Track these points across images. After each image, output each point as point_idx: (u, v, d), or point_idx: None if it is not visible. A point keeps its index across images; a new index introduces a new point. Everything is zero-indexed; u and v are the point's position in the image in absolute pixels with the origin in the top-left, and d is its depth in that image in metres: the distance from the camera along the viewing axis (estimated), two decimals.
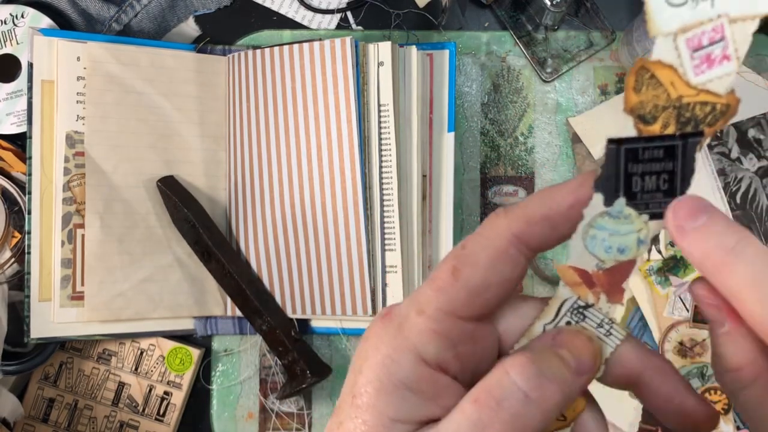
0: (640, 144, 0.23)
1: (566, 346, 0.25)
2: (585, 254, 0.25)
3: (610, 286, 0.25)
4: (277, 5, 0.70)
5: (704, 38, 0.22)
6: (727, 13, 0.22)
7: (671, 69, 0.23)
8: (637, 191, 0.24)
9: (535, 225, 0.25)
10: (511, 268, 0.25)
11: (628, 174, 0.24)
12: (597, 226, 0.24)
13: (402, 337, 0.24)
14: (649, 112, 0.23)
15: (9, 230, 0.66)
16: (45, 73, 0.63)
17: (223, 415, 0.68)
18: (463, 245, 0.25)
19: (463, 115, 0.69)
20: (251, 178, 0.66)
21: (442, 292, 0.25)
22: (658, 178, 0.24)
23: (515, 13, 0.69)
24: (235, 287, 0.64)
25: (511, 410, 0.23)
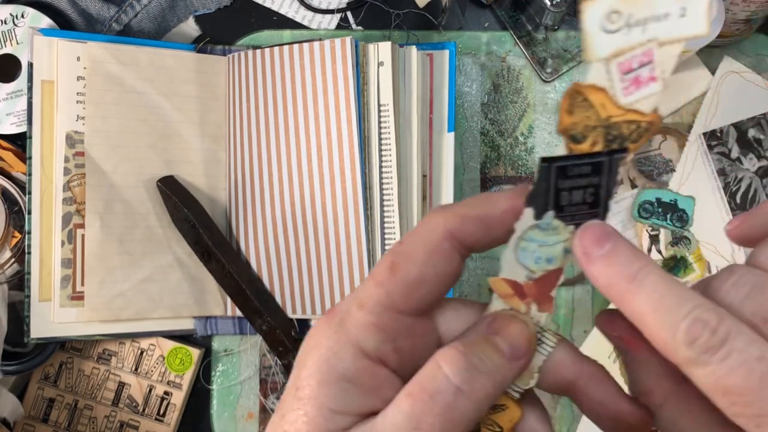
0: (570, 161, 0.25)
1: (500, 331, 0.26)
2: (516, 266, 0.26)
3: (539, 296, 0.26)
4: (277, 5, 0.70)
5: (634, 62, 0.24)
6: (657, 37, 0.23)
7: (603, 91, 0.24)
8: (564, 205, 0.25)
9: (470, 224, 0.26)
10: (446, 264, 0.26)
11: (558, 189, 0.25)
12: (527, 239, 0.26)
13: (343, 331, 0.25)
14: (579, 131, 0.25)
15: (9, 230, 0.66)
16: (45, 73, 0.63)
17: (223, 415, 0.68)
18: (401, 242, 0.26)
19: (463, 115, 0.69)
20: (251, 178, 0.66)
21: (381, 287, 0.25)
22: (584, 192, 0.25)
23: (515, 13, 0.69)
24: (235, 287, 0.64)
25: (443, 403, 0.23)
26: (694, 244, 0.63)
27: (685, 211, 0.64)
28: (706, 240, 0.64)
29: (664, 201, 0.64)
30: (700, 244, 0.63)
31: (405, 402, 0.24)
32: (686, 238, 0.64)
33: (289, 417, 0.24)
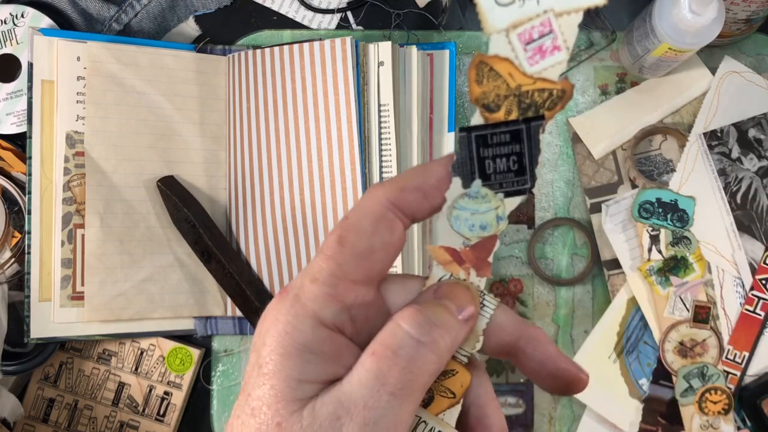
0: (487, 130, 0.26)
1: (447, 296, 0.27)
2: (452, 233, 0.28)
3: (477, 261, 0.28)
4: (277, 5, 0.70)
5: (534, 32, 0.25)
6: (552, 8, 0.24)
7: (508, 61, 0.25)
8: (490, 173, 0.27)
9: (409, 193, 0.27)
10: (391, 233, 0.27)
11: (481, 158, 0.26)
12: (458, 207, 0.27)
13: (299, 305, 0.26)
14: (492, 101, 0.26)
15: (9, 230, 0.66)
16: (45, 73, 0.63)
17: (224, 416, 0.68)
18: (346, 216, 0.27)
19: (463, 115, 0.69)
20: (251, 177, 0.66)
21: (331, 260, 0.26)
22: (508, 160, 0.26)
23: None
24: (235, 287, 0.64)
25: (407, 356, 0.25)
26: (694, 244, 0.63)
27: (686, 211, 0.64)
28: (707, 240, 0.64)
29: (665, 201, 0.64)
30: (701, 244, 0.63)
31: (369, 360, 0.25)
32: (686, 238, 0.63)
33: (256, 393, 0.25)
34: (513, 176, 0.27)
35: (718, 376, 0.63)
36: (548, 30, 0.25)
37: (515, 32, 0.25)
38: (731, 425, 0.62)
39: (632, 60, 0.65)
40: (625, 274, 0.64)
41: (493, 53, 0.25)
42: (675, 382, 0.63)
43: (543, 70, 0.25)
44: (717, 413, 0.62)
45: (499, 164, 0.26)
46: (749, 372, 0.63)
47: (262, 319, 0.27)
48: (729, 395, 0.62)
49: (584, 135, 0.67)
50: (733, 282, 0.64)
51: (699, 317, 0.63)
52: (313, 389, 0.25)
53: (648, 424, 0.64)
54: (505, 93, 0.25)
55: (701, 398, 0.62)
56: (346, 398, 0.25)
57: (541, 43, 0.25)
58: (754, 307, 0.63)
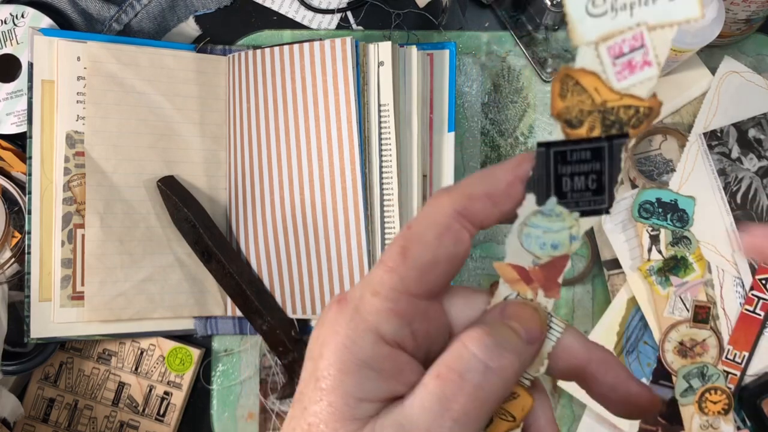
0: (568, 147, 0.25)
1: (514, 317, 0.26)
2: (521, 251, 0.26)
3: (546, 281, 0.27)
4: (277, 5, 0.70)
5: (625, 46, 0.24)
6: (646, 21, 0.23)
7: (595, 75, 0.24)
8: (567, 191, 0.25)
9: (477, 201, 0.26)
10: (456, 244, 0.26)
11: (558, 175, 0.25)
12: (531, 224, 0.26)
13: (360, 319, 0.25)
14: (575, 116, 0.25)
15: (9, 230, 0.66)
16: (45, 72, 0.63)
17: (224, 416, 0.68)
18: (409, 226, 0.26)
19: (463, 115, 0.69)
20: (251, 178, 0.66)
21: (393, 272, 0.25)
22: (587, 178, 0.25)
23: (515, 13, 0.69)
24: (236, 287, 0.64)
25: (474, 381, 0.24)
26: (694, 244, 0.63)
27: (686, 211, 0.64)
28: (707, 240, 0.64)
29: (665, 201, 0.64)
30: (701, 244, 0.63)
31: (433, 383, 0.24)
32: (686, 238, 0.63)
33: (313, 408, 0.24)
34: (590, 195, 0.25)
35: (717, 376, 0.63)
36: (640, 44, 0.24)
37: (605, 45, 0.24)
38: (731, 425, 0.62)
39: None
40: (625, 274, 0.64)
41: (580, 66, 0.24)
42: (675, 382, 0.63)
43: (631, 86, 0.24)
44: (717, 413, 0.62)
45: (577, 182, 0.25)
46: (749, 372, 0.63)
47: (320, 325, 0.26)
48: (729, 395, 0.62)
49: None
50: (732, 282, 0.64)
51: (699, 317, 0.63)
52: (372, 408, 0.24)
53: (648, 424, 0.64)
54: (589, 108, 0.24)
55: (701, 398, 0.62)
56: (407, 422, 0.24)
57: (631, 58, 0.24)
58: (754, 307, 0.63)
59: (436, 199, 0.26)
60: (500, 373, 0.24)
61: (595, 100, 0.24)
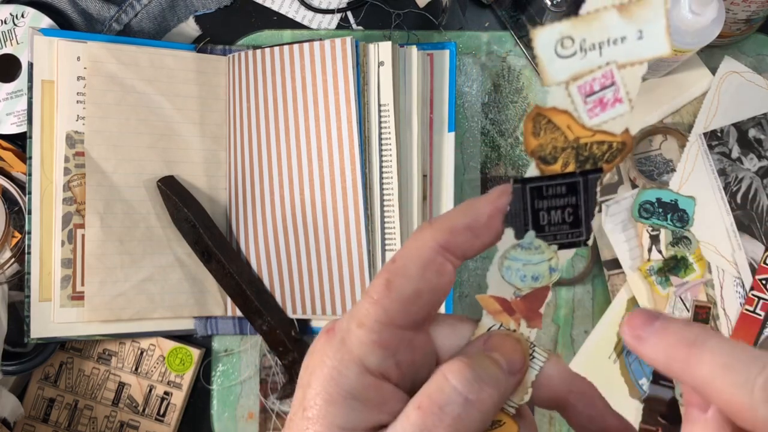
0: (543, 182, 0.26)
1: (497, 348, 0.27)
2: (502, 283, 0.27)
3: (528, 312, 0.27)
4: (277, 5, 0.70)
5: (595, 84, 0.24)
6: (615, 60, 0.24)
7: (567, 114, 0.25)
8: (544, 224, 0.26)
9: (459, 234, 0.26)
10: (439, 276, 0.26)
11: (535, 210, 0.26)
12: (511, 258, 0.27)
13: (345, 350, 0.26)
14: (549, 153, 0.25)
15: (9, 230, 0.66)
16: (45, 73, 0.63)
17: (224, 416, 0.68)
18: (393, 259, 0.27)
19: (463, 115, 0.69)
20: (251, 178, 0.66)
21: (378, 305, 0.26)
22: (563, 212, 0.26)
23: (516, 13, 0.69)
24: (236, 287, 0.64)
25: (453, 414, 0.24)
26: (694, 244, 0.63)
27: (686, 211, 0.64)
28: (707, 240, 0.64)
29: (665, 201, 0.64)
30: (701, 244, 0.63)
31: (414, 414, 0.24)
32: (686, 238, 0.63)
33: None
34: (567, 228, 0.26)
35: None
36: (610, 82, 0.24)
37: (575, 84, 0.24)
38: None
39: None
40: (625, 274, 0.64)
41: (551, 105, 0.24)
42: (675, 382, 0.63)
43: (603, 123, 0.25)
44: None
45: (554, 216, 0.26)
46: None
47: (309, 354, 0.27)
48: None
49: None
50: (733, 282, 0.64)
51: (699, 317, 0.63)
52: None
53: (648, 424, 0.64)
54: (562, 145, 0.25)
55: None
56: None
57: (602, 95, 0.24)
58: (754, 307, 0.63)
59: (419, 232, 0.27)
60: (479, 406, 0.25)
61: (568, 137, 0.25)
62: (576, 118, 0.24)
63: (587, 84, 0.24)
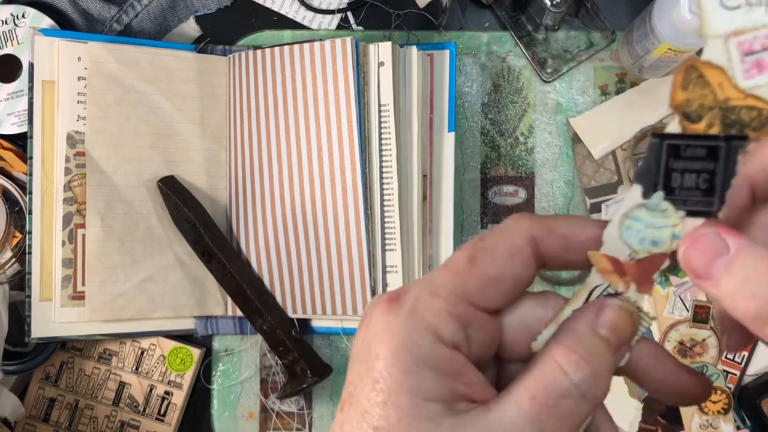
0: (683, 141, 0.24)
1: (609, 325, 0.25)
2: (619, 243, 0.25)
3: (640, 276, 0.26)
4: (277, 5, 0.70)
5: (756, 43, 0.22)
6: None
7: (720, 70, 0.23)
8: (675, 187, 0.24)
9: (554, 238, 0.26)
10: (524, 268, 0.26)
11: (669, 169, 0.24)
12: (633, 217, 0.25)
13: (418, 318, 0.25)
14: (694, 110, 0.23)
15: (10, 230, 0.66)
16: (46, 73, 0.63)
17: (224, 415, 0.68)
18: (482, 237, 0.26)
19: (463, 115, 0.69)
20: (252, 178, 0.66)
21: (458, 277, 0.25)
22: (698, 177, 0.24)
23: (515, 13, 0.69)
24: (236, 287, 0.64)
25: (568, 409, 0.24)
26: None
27: None
28: None
29: None
30: None
31: (528, 404, 0.24)
32: None
33: (376, 412, 0.24)
34: (700, 195, 0.24)
35: (717, 375, 0.63)
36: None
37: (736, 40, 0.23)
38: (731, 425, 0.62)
39: (632, 60, 0.65)
40: None
41: (706, 59, 0.23)
42: None
43: (756, 87, 0.23)
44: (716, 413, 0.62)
45: (688, 179, 0.24)
46: (749, 372, 0.63)
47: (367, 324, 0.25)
48: (729, 395, 0.62)
49: (584, 135, 0.67)
50: None
51: (698, 317, 0.63)
52: (438, 409, 0.24)
53: (648, 423, 0.64)
54: (710, 104, 0.23)
55: None
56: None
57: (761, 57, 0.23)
58: None
59: (517, 218, 0.26)
60: (593, 401, 0.24)
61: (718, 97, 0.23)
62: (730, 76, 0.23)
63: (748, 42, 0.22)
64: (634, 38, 0.63)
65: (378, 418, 0.24)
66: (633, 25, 0.64)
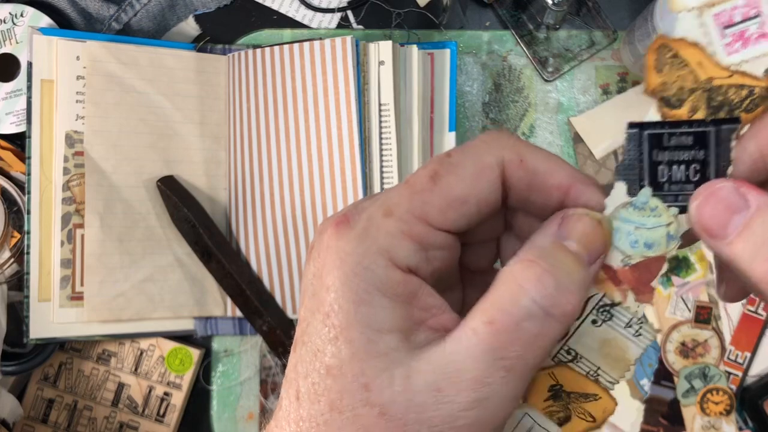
0: (664, 129, 0.22)
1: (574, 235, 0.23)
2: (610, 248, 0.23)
3: (638, 284, 0.23)
4: (277, 4, 0.70)
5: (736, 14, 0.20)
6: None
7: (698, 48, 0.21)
8: (663, 181, 0.22)
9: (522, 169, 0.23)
10: (491, 190, 0.23)
11: (653, 162, 0.22)
12: (621, 218, 0.23)
13: (370, 241, 0.22)
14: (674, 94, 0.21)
15: (8, 230, 0.65)
16: (44, 72, 0.63)
17: (224, 416, 0.68)
18: (448, 153, 0.24)
19: (464, 115, 0.68)
20: (251, 177, 0.66)
21: (417, 196, 0.23)
22: (688, 168, 0.22)
23: (516, 12, 0.69)
24: (236, 287, 0.64)
25: (533, 331, 0.21)
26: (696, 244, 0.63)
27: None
28: None
29: None
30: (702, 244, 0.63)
31: (485, 329, 0.21)
32: None
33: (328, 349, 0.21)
34: (692, 188, 0.21)
35: (719, 376, 0.62)
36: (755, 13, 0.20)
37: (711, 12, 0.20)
38: (733, 426, 0.62)
39: (634, 59, 0.65)
40: None
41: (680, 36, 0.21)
42: (676, 383, 0.63)
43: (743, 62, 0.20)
44: (719, 414, 0.62)
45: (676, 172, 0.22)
46: (751, 372, 0.63)
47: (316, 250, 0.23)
48: (731, 396, 0.62)
49: (585, 135, 0.67)
50: None
51: (701, 317, 0.63)
52: (393, 341, 0.21)
53: (649, 424, 0.64)
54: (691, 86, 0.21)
55: (703, 399, 0.62)
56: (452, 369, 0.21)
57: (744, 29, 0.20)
58: (756, 307, 0.63)
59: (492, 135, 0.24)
60: (561, 318, 0.21)
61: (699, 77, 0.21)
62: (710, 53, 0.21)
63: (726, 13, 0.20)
64: (636, 37, 0.63)
65: (330, 356, 0.21)
66: (634, 24, 0.64)
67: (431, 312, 0.22)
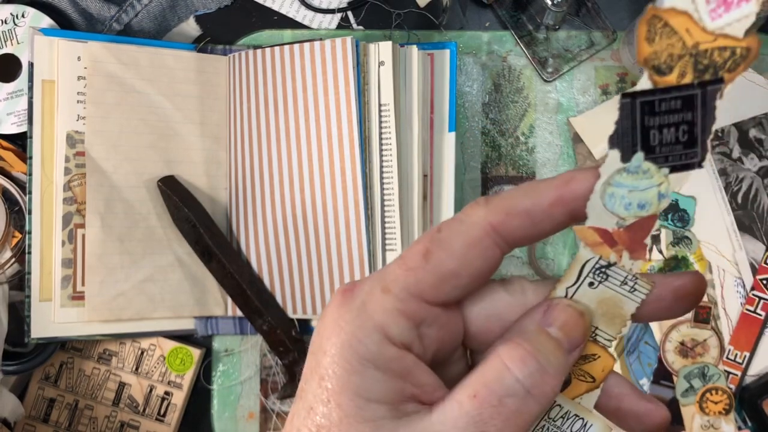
0: (656, 96, 0.23)
1: (556, 323, 0.24)
2: (604, 213, 0.24)
3: (632, 243, 0.25)
4: (277, 5, 0.70)
5: None
6: None
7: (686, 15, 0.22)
8: (655, 145, 0.23)
9: (515, 218, 0.24)
10: (483, 260, 0.24)
11: (645, 128, 0.23)
12: (615, 184, 0.24)
13: (366, 315, 0.24)
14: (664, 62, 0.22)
15: (10, 230, 0.66)
16: (45, 72, 0.63)
17: (224, 415, 0.68)
18: (438, 228, 0.25)
19: (464, 115, 0.68)
20: (252, 177, 0.66)
21: (411, 273, 0.24)
22: (677, 130, 0.23)
23: (516, 12, 0.69)
24: (236, 287, 0.64)
25: (513, 407, 0.23)
26: (695, 244, 0.63)
27: (686, 211, 0.64)
28: (707, 240, 0.64)
29: None
30: (701, 244, 0.63)
31: (469, 403, 0.23)
32: (687, 238, 0.63)
33: (320, 410, 0.23)
34: (681, 148, 0.23)
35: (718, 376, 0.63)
36: None
37: None
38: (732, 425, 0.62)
39: (633, 60, 0.65)
40: None
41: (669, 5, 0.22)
42: (676, 382, 0.63)
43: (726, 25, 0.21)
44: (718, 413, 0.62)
45: (667, 134, 0.23)
46: (750, 372, 0.63)
47: (324, 318, 0.25)
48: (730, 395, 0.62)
49: (585, 135, 0.67)
50: (733, 282, 0.64)
51: (700, 317, 0.63)
52: (382, 410, 0.23)
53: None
54: (679, 52, 0.22)
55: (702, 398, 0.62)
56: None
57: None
58: (755, 307, 0.63)
59: (473, 208, 0.25)
60: (540, 398, 0.23)
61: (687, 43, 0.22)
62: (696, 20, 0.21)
63: None
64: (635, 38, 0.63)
65: (321, 417, 0.23)
66: (634, 25, 0.64)
67: (424, 389, 0.24)
